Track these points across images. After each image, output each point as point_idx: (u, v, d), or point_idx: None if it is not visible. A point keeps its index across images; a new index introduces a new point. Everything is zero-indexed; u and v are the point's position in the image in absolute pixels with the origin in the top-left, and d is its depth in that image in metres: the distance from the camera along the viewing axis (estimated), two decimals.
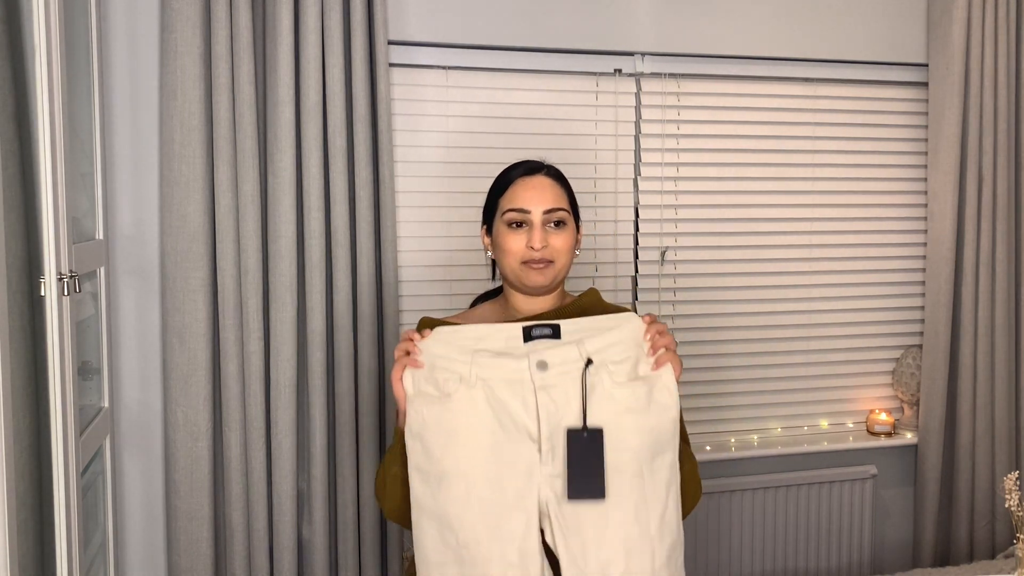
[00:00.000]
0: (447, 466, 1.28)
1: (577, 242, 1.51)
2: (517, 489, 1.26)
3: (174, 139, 2.10)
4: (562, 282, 1.52)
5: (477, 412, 1.28)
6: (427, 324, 1.44)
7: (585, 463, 1.26)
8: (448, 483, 1.27)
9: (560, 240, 1.46)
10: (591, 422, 1.28)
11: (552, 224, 1.46)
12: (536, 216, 1.45)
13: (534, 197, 1.46)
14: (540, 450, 1.27)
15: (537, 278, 1.45)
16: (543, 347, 1.31)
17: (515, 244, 1.45)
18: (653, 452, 1.30)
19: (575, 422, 1.28)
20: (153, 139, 2.19)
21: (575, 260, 1.52)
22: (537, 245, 1.43)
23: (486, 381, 1.29)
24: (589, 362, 1.30)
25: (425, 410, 1.30)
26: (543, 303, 1.50)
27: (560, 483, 1.27)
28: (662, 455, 1.30)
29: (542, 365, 1.29)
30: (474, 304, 1.65)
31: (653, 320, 1.36)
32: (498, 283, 1.61)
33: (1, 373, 1.35)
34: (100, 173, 2.07)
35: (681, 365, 1.35)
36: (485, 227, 1.55)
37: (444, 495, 1.27)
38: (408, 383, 1.32)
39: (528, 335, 1.32)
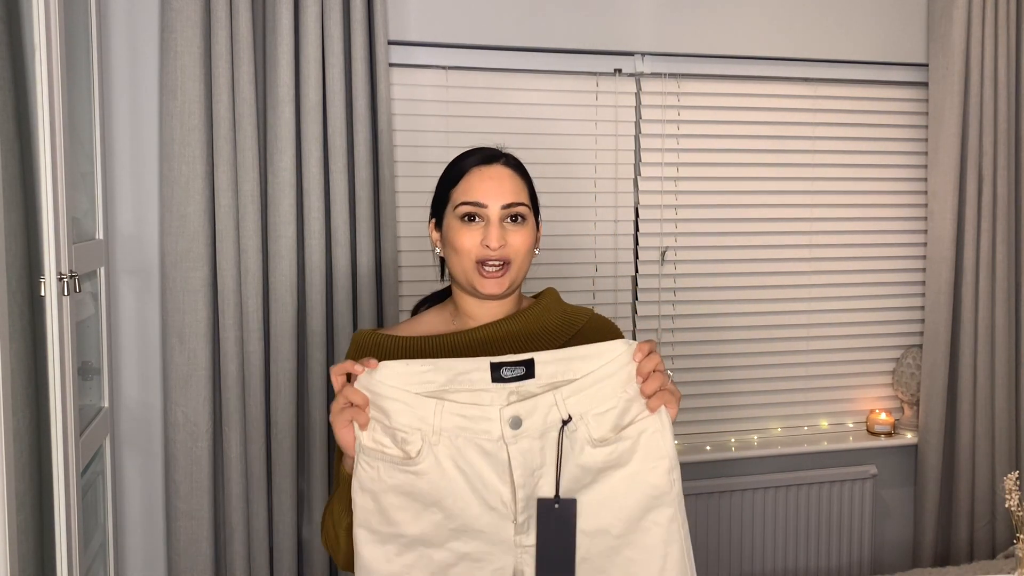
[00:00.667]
0: (410, 532, 1.14)
1: (536, 240, 1.35)
2: (492, 562, 1.14)
3: (174, 139, 2.10)
4: (519, 286, 1.36)
5: (446, 478, 1.13)
6: (366, 338, 1.32)
7: (556, 538, 1.13)
8: (411, 551, 1.14)
9: (519, 238, 1.29)
10: (568, 489, 1.14)
11: (510, 219, 1.29)
12: (493, 211, 1.28)
13: (491, 189, 1.29)
14: (515, 520, 1.13)
15: (492, 287, 1.28)
16: (515, 387, 1.15)
17: (468, 241, 1.28)
18: (643, 509, 1.15)
19: (550, 488, 1.14)
20: (153, 139, 2.19)
21: (535, 260, 1.37)
22: (494, 244, 1.26)
23: (452, 439, 1.13)
24: (566, 421, 1.14)
25: (382, 467, 1.14)
26: (497, 308, 1.35)
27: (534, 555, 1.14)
28: (655, 511, 1.15)
29: (515, 422, 1.13)
30: (417, 308, 1.49)
31: (649, 352, 1.16)
32: (446, 283, 1.46)
33: (1, 373, 1.35)
34: (100, 173, 2.07)
35: (678, 401, 1.19)
36: (434, 221, 1.38)
37: (404, 562, 1.13)
38: (358, 430, 1.15)
39: (497, 374, 1.14)
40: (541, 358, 1.15)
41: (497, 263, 1.28)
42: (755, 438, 2.75)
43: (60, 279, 1.56)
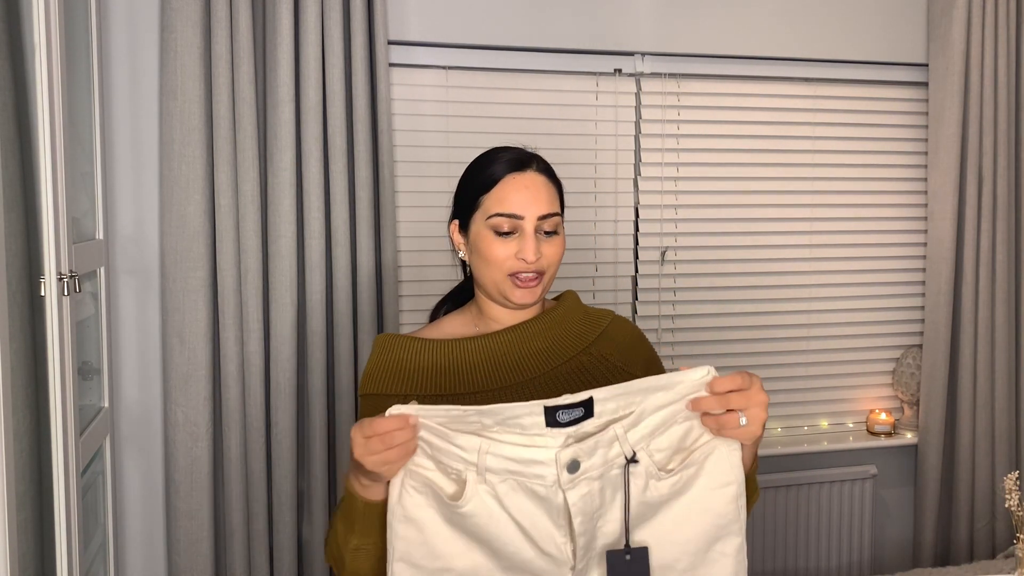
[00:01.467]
0: (457, 567, 1.05)
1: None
2: None
3: (174, 139, 2.10)
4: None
5: (495, 521, 1.03)
6: (391, 341, 1.29)
7: None
8: None
9: (553, 249, 1.28)
10: (635, 534, 1.06)
11: (544, 230, 1.27)
12: (529, 223, 1.25)
13: (527, 200, 1.26)
14: (574, 567, 1.05)
15: (525, 296, 1.27)
16: (572, 430, 1.03)
17: (503, 253, 1.25)
18: (709, 540, 1.07)
19: (613, 531, 1.05)
20: (153, 139, 2.19)
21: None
22: (531, 257, 1.24)
23: (499, 482, 1.03)
24: (632, 460, 1.04)
25: (430, 493, 1.04)
26: (522, 312, 1.33)
27: None
28: (723, 540, 1.07)
29: (573, 466, 1.02)
30: (436, 312, 1.44)
31: (731, 391, 1.04)
32: (452, 282, 1.45)
33: (1, 373, 1.35)
34: (100, 173, 2.07)
35: (756, 433, 1.07)
36: (457, 222, 1.34)
37: None
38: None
39: (552, 418, 1.01)
40: (600, 395, 1.03)
41: (531, 274, 1.26)
42: None
43: (60, 279, 1.56)
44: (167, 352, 2.16)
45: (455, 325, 1.37)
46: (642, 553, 1.05)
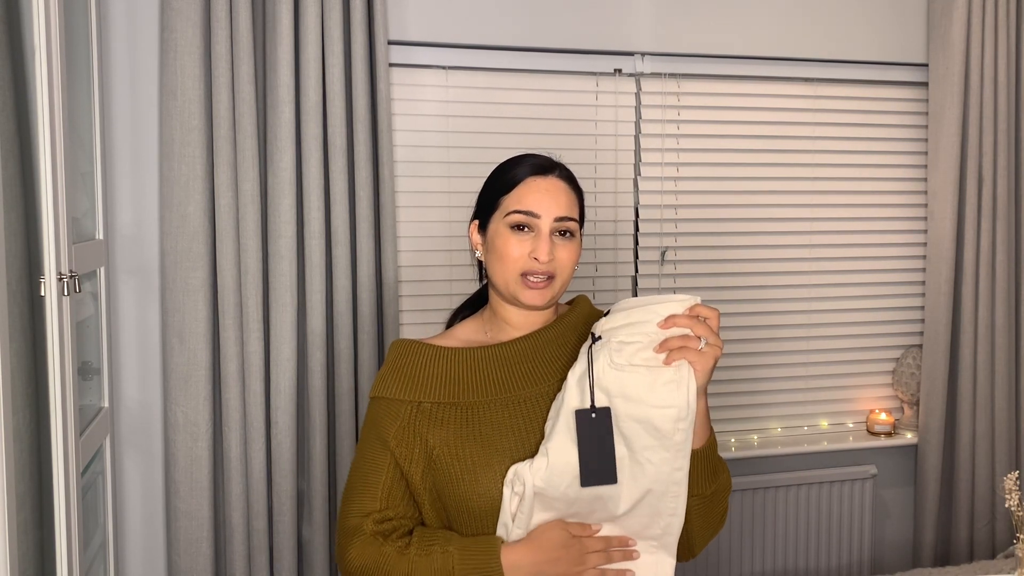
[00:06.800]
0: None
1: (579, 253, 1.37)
2: None
3: (174, 139, 2.10)
4: (559, 297, 1.37)
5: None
6: (408, 347, 1.33)
7: (595, 446, 1.20)
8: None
9: (567, 252, 1.30)
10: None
11: (559, 234, 1.30)
12: (545, 223, 1.28)
13: (545, 201, 1.29)
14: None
15: (534, 298, 1.29)
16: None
17: (516, 250, 1.28)
18: (640, 444, 1.20)
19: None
20: (153, 139, 2.19)
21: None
22: (544, 257, 1.27)
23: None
24: (596, 338, 1.23)
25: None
26: (536, 316, 1.36)
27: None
28: (651, 450, 1.20)
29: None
30: (452, 320, 1.48)
31: (694, 313, 1.20)
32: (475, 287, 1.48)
33: (1, 373, 1.34)
34: (100, 173, 2.07)
35: (713, 360, 1.20)
36: (476, 223, 1.37)
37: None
38: None
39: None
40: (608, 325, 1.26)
41: (542, 276, 1.28)
42: (755, 438, 2.75)
43: (60, 279, 1.56)
44: (167, 352, 2.16)
45: (467, 331, 1.39)
46: (605, 412, 1.21)
